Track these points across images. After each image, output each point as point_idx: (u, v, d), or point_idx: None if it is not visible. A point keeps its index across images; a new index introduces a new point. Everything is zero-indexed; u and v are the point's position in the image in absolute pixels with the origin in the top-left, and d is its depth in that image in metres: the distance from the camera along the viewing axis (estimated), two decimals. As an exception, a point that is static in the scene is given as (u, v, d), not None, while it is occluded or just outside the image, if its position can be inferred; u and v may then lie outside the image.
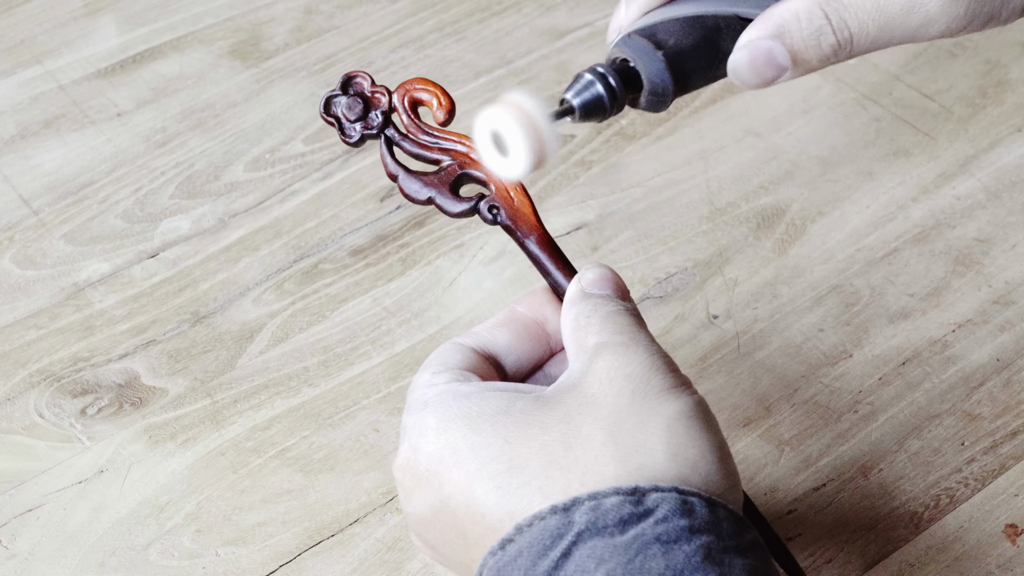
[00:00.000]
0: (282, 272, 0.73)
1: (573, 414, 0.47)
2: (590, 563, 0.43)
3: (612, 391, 0.47)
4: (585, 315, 0.50)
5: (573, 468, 0.45)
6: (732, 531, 0.44)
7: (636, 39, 0.50)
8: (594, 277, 0.52)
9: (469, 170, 0.54)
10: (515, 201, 0.54)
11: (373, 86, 0.55)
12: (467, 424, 0.47)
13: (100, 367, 0.68)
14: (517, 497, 0.45)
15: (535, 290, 0.54)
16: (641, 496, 0.44)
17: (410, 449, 0.49)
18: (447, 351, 0.52)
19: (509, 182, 0.54)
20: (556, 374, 0.53)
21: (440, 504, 0.48)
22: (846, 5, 0.48)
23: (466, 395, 0.48)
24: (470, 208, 0.54)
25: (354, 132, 0.55)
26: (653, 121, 0.80)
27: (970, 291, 0.70)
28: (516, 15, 0.87)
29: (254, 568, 0.60)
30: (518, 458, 0.46)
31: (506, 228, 0.54)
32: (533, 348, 0.53)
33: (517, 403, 0.48)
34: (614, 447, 0.45)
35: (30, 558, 0.61)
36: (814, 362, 0.67)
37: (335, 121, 0.55)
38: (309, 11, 0.88)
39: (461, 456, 0.47)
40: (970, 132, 0.78)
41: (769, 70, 0.49)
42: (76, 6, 0.89)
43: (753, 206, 0.75)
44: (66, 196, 0.77)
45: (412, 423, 0.49)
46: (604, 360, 0.48)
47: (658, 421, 0.46)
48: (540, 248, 0.54)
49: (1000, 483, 0.62)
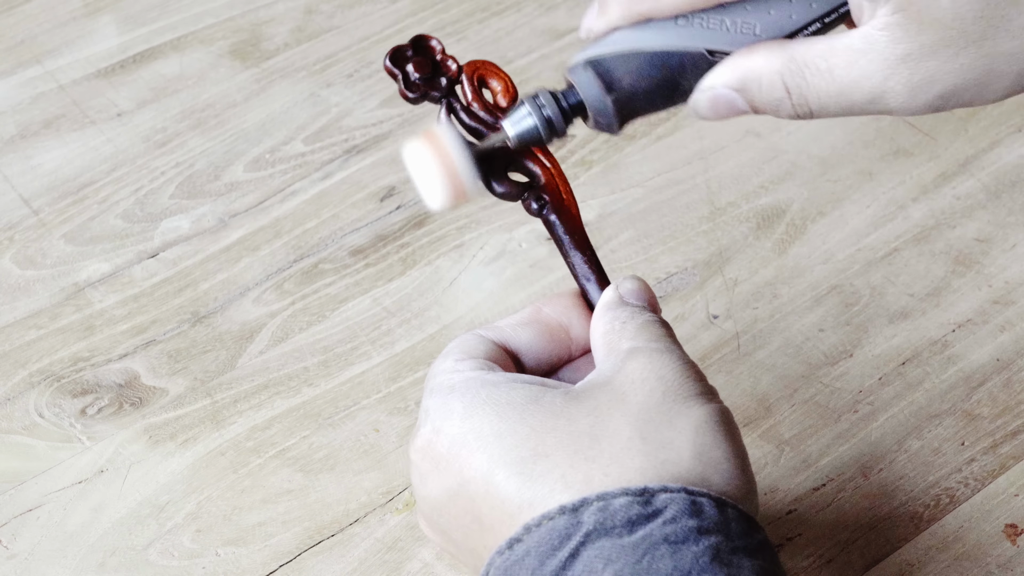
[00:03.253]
0: (282, 272, 0.73)
1: (602, 408, 0.47)
2: (598, 563, 0.43)
3: (643, 390, 0.47)
4: (621, 320, 0.50)
5: (598, 459, 0.45)
6: (741, 532, 0.44)
7: (589, 76, 0.50)
8: (633, 288, 0.52)
9: (523, 158, 0.54)
10: (564, 198, 0.54)
11: (444, 53, 0.55)
12: (494, 410, 0.47)
13: (100, 367, 0.68)
14: (539, 484, 0.45)
15: (562, 292, 0.54)
16: (650, 496, 0.44)
17: (432, 431, 0.49)
18: (470, 341, 0.51)
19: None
20: (571, 380, 0.53)
21: (458, 488, 0.48)
22: (809, 83, 0.48)
23: (494, 383, 0.48)
24: (516, 192, 0.53)
25: (417, 90, 0.54)
26: (653, 121, 0.80)
27: (970, 291, 0.70)
28: (516, 15, 0.87)
29: (254, 568, 0.60)
30: (543, 446, 0.46)
31: (547, 223, 0.54)
32: (554, 350, 0.53)
33: (546, 395, 0.48)
34: (641, 442, 0.46)
35: (30, 558, 0.61)
36: (814, 362, 0.67)
37: (399, 74, 0.54)
38: (309, 11, 0.88)
39: (485, 441, 0.47)
40: (970, 132, 0.78)
41: (729, 113, 0.50)
42: (76, 6, 0.89)
43: (753, 206, 0.75)
44: (66, 196, 0.77)
45: (436, 406, 0.49)
46: (637, 362, 0.48)
47: (686, 422, 0.46)
48: (578, 249, 0.53)
49: (1000, 483, 0.62)
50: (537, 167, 0.54)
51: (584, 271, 0.53)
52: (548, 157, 0.54)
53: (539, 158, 0.54)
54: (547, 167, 0.54)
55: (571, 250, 0.54)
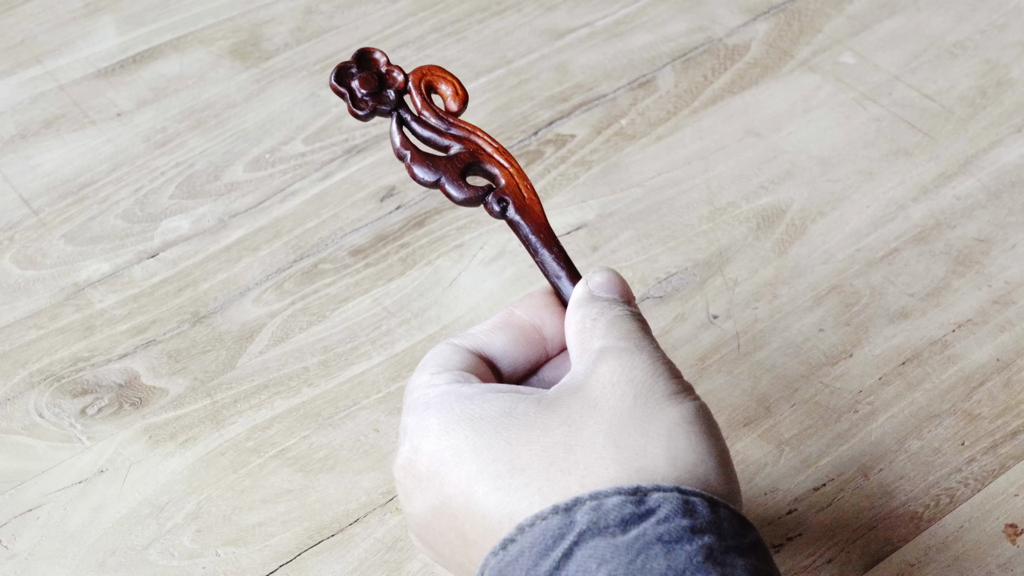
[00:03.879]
0: (282, 272, 0.73)
1: (575, 417, 0.47)
2: (592, 563, 0.43)
3: (615, 395, 0.47)
4: (591, 318, 0.50)
5: (574, 471, 0.45)
6: (734, 531, 0.44)
7: None
8: (602, 280, 0.52)
9: (480, 161, 0.54)
10: (525, 197, 0.53)
11: (388, 64, 0.55)
12: (470, 426, 0.47)
13: (100, 367, 0.68)
14: (518, 498, 0.45)
15: (533, 292, 0.53)
16: (643, 496, 0.44)
17: (411, 450, 0.49)
18: (444, 352, 0.51)
19: (519, 177, 0.53)
20: (551, 378, 0.53)
21: (440, 505, 0.48)
22: None
23: (468, 396, 0.48)
24: (477, 197, 0.53)
25: (365, 106, 0.54)
26: (653, 121, 0.80)
27: (970, 291, 0.70)
28: (516, 15, 0.87)
29: (254, 568, 0.60)
30: (519, 460, 0.46)
31: (511, 223, 0.54)
32: (529, 352, 0.53)
33: (519, 405, 0.48)
34: (615, 450, 0.45)
35: (30, 558, 0.61)
36: (814, 362, 0.67)
37: (346, 92, 0.54)
38: (309, 11, 0.88)
39: (463, 457, 0.47)
40: (970, 132, 0.78)
41: None
42: (76, 6, 0.89)
43: (753, 206, 0.75)
44: (66, 196, 0.77)
45: (413, 424, 0.49)
46: (608, 365, 0.48)
47: (659, 426, 0.46)
48: (545, 247, 0.53)
49: (1000, 483, 0.62)
50: (496, 168, 0.54)
51: (554, 268, 0.53)
52: (506, 156, 0.54)
53: (496, 159, 0.54)
54: (505, 167, 0.54)
55: (539, 248, 0.53)
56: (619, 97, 0.82)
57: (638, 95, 0.82)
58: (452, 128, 0.54)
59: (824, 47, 0.84)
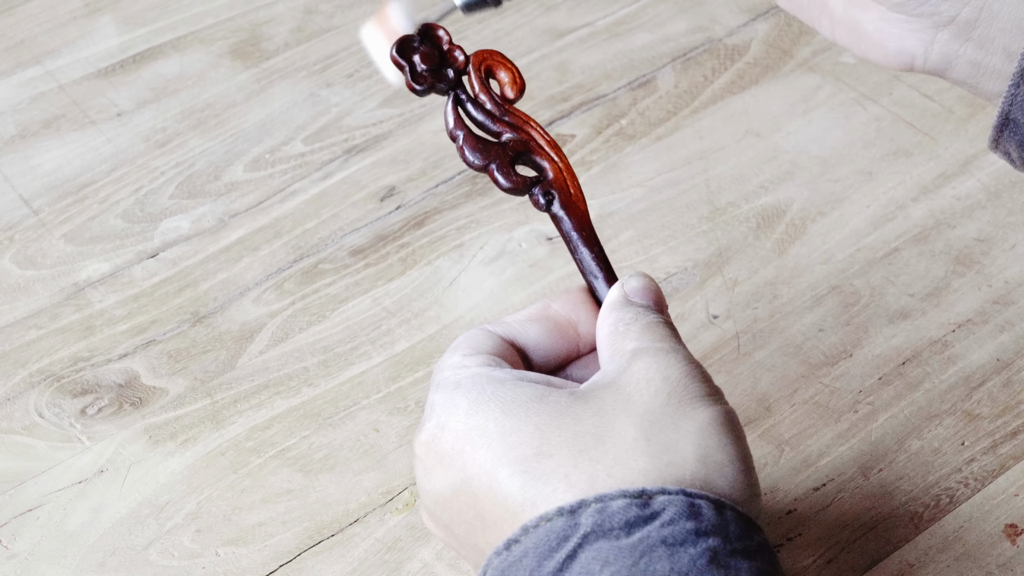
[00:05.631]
0: (282, 272, 0.73)
1: (607, 409, 0.47)
2: (595, 565, 0.43)
3: (649, 391, 0.47)
4: (625, 321, 0.50)
5: (603, 460, 0.45)
6: (739, 534, 0.44)
7: None
8: (638, 285, 0.52)
9: (532, 152, 0.54)
10: (572, 194, 0.53)
11: (451, 43, 0.54)
12: (500, 408, 0.47)
13: (100, 367, 0.68)
14: (543, 483, 0.45)
15: (571, 289, 0.54)
16: (648, 499, 0.44)
17: (437, 427, 0.49)
18: (478, 336, 0.51)
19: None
20: (579, 377, 0.53)
21: (461, 484, 0.48)
22: None
23: (500, 380, 0.48)
24: (524, 187, 0.53)
25: (424, 81, 0.54)
26: (653, 121, 0.80)
27: (970, 291, 0.70)
28: (516, 15, 0.87)
29: (254, 568, 0.60)
30: (548, 445, 0.46)
31: (555, 218, 0.53)
32: (561, 347, 0.53)
33: (551, 394, 0.48)
34: (646, 443, 0.46)
35: (30, 558, 0.61)
36: (814, 362, 0.67)
37: (406, 66, 0.54)
38: (309, 11, 0.88)
39: (490, 438, 0.47)
40: (970, 132, 0.78)
41: None
42: (76, 6, 0.89)
43: (753, 206, 0.75)
44: (66, 196, 0.77)
45: (442, 401, 0.49)
46: (643, 362, 0.48)
47: (691, 424, 0.46)
48: (585, 245, 0.53)
49: (1000, 483, 0.62)
50: (545, 161, 0.54)
51: (592, 268, 0.53)
52: (557, 151, 0.54)
53: (547, 152, 0.54)
54: (555, 161, 0.54)
55: (579, 245, 0.53)
56: (619, 97, 0.82)
57: (638, 95, 0.82)
58: (506, 115, 0.54)
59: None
